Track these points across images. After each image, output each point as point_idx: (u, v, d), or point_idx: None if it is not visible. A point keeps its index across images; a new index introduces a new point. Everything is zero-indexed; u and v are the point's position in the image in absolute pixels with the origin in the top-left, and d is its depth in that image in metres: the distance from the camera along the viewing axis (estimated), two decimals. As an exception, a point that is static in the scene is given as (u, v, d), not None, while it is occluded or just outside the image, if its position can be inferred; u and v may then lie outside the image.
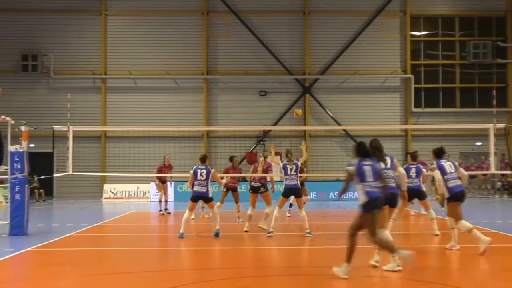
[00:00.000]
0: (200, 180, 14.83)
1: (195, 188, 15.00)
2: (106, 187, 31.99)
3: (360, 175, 9.57)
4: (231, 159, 20.11)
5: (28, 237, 15.02)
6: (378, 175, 9.69)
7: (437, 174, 12.22)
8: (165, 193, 22.34)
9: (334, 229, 17.04)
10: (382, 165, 10.44)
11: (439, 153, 12.55)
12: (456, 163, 12.59)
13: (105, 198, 31.45)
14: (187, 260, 12.30)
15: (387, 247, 9.77)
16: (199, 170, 14.93)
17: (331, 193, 30.55)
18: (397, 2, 35.54)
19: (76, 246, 13.86)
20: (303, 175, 18.71)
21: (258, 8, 35.25)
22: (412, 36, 35.76)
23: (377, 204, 9.57)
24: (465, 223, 11.97)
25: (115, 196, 31.41)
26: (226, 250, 13.40)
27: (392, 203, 10.80)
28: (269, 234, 14.85)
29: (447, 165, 12.26)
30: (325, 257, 12.42)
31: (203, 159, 15.35)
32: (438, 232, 14.79)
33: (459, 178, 12.25)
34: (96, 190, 33.38)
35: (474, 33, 36.01)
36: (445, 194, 12.08)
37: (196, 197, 14.89)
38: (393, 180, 10.76)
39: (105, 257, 11.95)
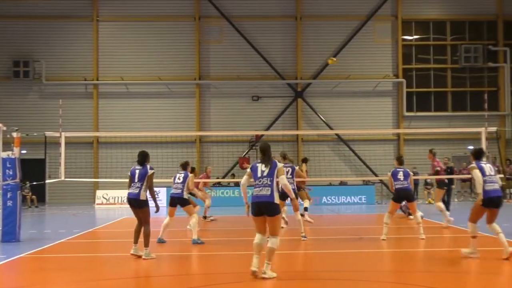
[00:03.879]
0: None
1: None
2: (99, 193, 31.88)
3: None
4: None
5: (20, 244, 14.96)
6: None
7: (476, 173, 11.62)
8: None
9: (330, 233, 17.03)
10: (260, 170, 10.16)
11: (478, 155, 12.10)
12: (495, 168, 12.20)
13: (98, 204, 31.33)
14: (181, 266, 12.27)
15: None
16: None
17: (324, 198, 30.58)
18: (389, 7, 35.64)
19: (68, 252, 13.81)
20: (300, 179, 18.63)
21: (250, 13, 35.28)
22: (404, 40, 35.85)
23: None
24: (473, 228, 11.79)
25: (108, 202, 31.30)
26: (228, 255, 13.39)
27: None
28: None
29: (487, 167, 11.81)
30: (322, 262, 12.42)
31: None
32: (423, 236, 14.82)
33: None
34: (88, 196, 33.30)
35: (466, 37, 36.14)
36: (480, 195, 11.55)
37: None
38: (268, 188, 9.97)
39: (98, 263, 11.92)
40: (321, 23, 35.44)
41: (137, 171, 12.48)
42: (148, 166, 12.49)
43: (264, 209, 9.90)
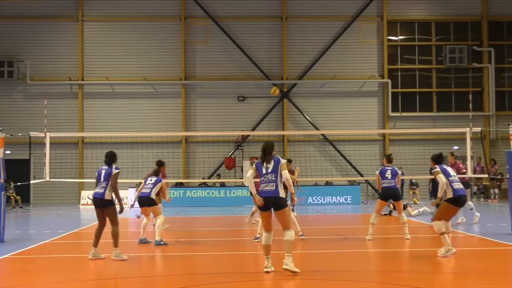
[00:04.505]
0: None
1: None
2: (84, 193, 31.72)
3: None
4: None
5: (5, 244, 14.87)
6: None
7: (441, 178, 12.06)
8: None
9: (315, 233, 17.04)
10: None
11: (438, 159, 12.62)
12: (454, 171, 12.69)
13: (83, 204, 31.17)
14: (164, 266, 12.24)
15: None
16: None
17: (310, 198, 30.60)
18: (374, 7, 35.73)
19: (53, 253, 13.75)
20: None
21: (236, 13, 35.26)
22: (389, 40, 35.96)
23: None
24: (440, 226, 11.91)
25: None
26: (212, 255, 13.37)
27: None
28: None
29: (449, 169, 12.40)
30: (307, 262, 12.42)
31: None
32: (409, 236, 14.86)
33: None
34: (73, 197, 33.17)
35: (450, 37, 36.29)
36: (449, 194, 11.99)
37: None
38: (273, 184, 10.45)
39: (82, 264, 11.87)
40: (307, 24, 35.49)
41: (103, 171, 12.57)
42: (114, 166, 12.51)
43: (271, 203, 10.37)
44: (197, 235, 17.48)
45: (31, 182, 28.07)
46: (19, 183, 27.39)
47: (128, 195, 30.48)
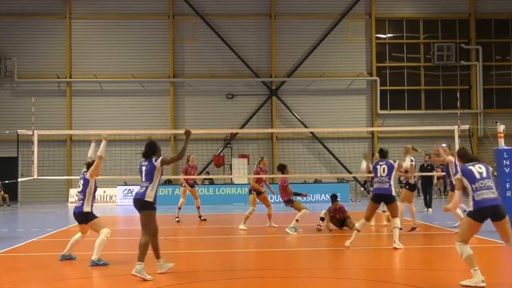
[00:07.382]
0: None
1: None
2: (72, 191, 31.53)
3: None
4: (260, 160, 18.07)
5: (-8, 243, 14.82)
6: None
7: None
8: (196, 198, 20.33)
9: (306, 231, 17.06)
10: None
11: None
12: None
13: (71, 202, 30.97)
14: (153, 265, 12.22)
15: None
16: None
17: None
18: (362, 5, 35.81)
19: (41, 251, 13.71)
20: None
21: (224, 11, 35.25)
22: (378, 38, 36.04)
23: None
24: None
25: (81, 201, 30.96)
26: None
27: None
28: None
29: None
30: (298, 260, 12.43)
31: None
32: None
33: None
34: (62, 195, 33.04)
35: (438, 35, 36.42)
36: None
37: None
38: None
39: (71, 262, 11.83)
40: (295, 21, 35.52)
41: (144, 167, 10.42)
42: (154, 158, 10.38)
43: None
44: (185, 233, 17.46)
45: (19, 180, 28.01)
46: (7, 181, 27.34)
47: (117, 193, 30.49)
